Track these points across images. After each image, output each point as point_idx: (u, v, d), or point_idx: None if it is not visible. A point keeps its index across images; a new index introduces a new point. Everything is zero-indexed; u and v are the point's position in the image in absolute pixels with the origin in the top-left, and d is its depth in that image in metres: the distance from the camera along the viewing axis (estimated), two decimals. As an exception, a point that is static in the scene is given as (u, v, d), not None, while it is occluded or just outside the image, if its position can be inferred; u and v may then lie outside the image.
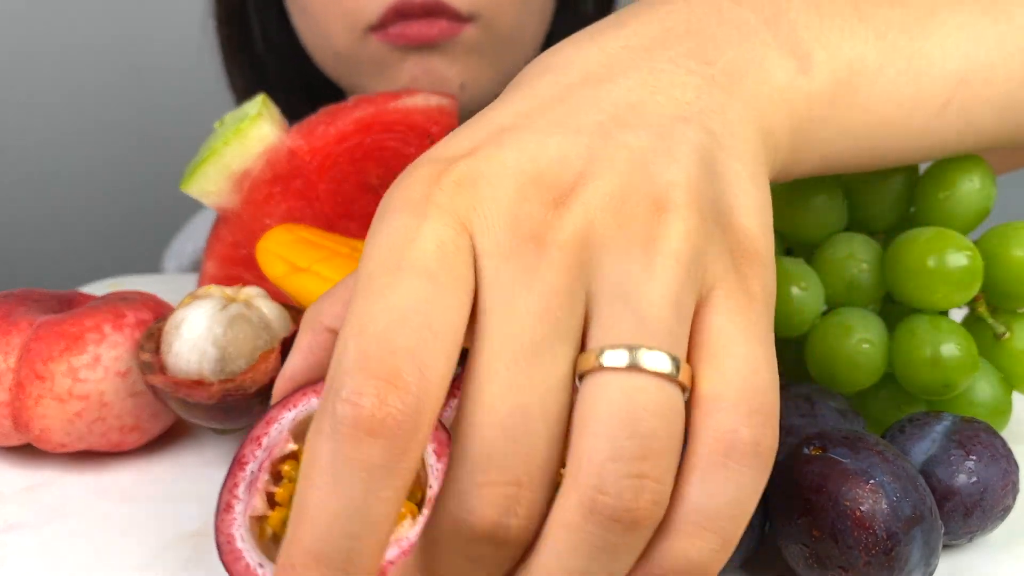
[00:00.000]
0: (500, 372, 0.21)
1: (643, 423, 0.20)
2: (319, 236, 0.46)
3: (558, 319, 0.21)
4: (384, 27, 0.59)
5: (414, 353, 0.20)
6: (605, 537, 0.19)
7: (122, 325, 0.37)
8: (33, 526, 0.34)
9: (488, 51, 0.62)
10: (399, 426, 0.19)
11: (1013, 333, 0.36)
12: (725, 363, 0.21)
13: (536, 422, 0.20)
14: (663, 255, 0.21)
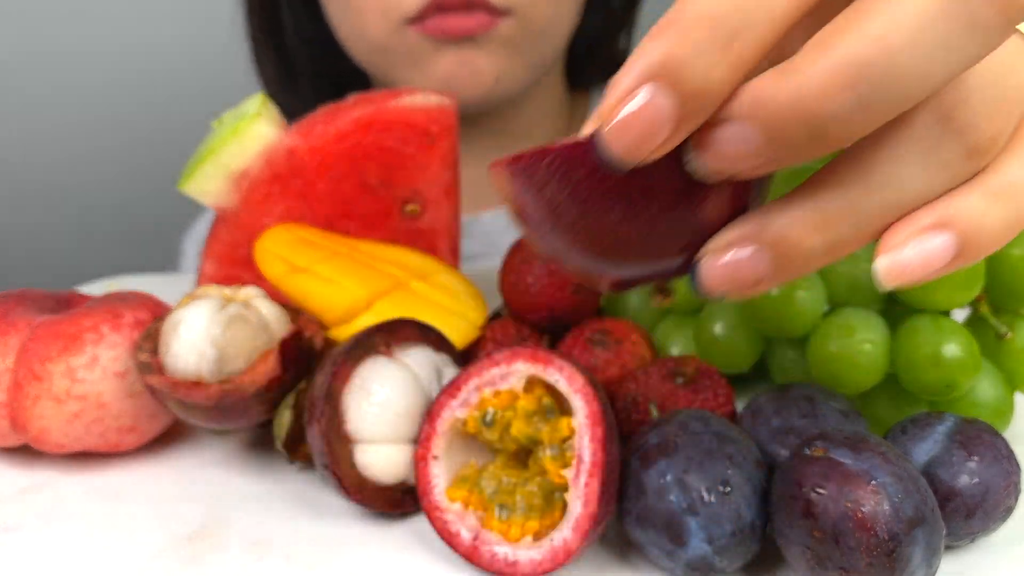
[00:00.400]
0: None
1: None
2: (318, 236, 0.46)
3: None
4: (422, 20, 0.60)
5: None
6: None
7: (120, 325, 0.37)
8: (31, 527, 0.34)
9: (522, 45, 0.63)
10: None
11: (1015, 333, 0.36)
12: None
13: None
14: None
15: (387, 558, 0.32)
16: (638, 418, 0.36)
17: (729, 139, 0.20)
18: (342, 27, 0.66)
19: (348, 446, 0.33)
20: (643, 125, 0.19)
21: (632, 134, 0.19)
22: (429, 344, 0.36)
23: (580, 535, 0.29)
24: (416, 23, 0.60)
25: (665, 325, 0.44)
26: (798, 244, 0.21)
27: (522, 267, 0.41)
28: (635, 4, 0.75)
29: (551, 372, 0.31)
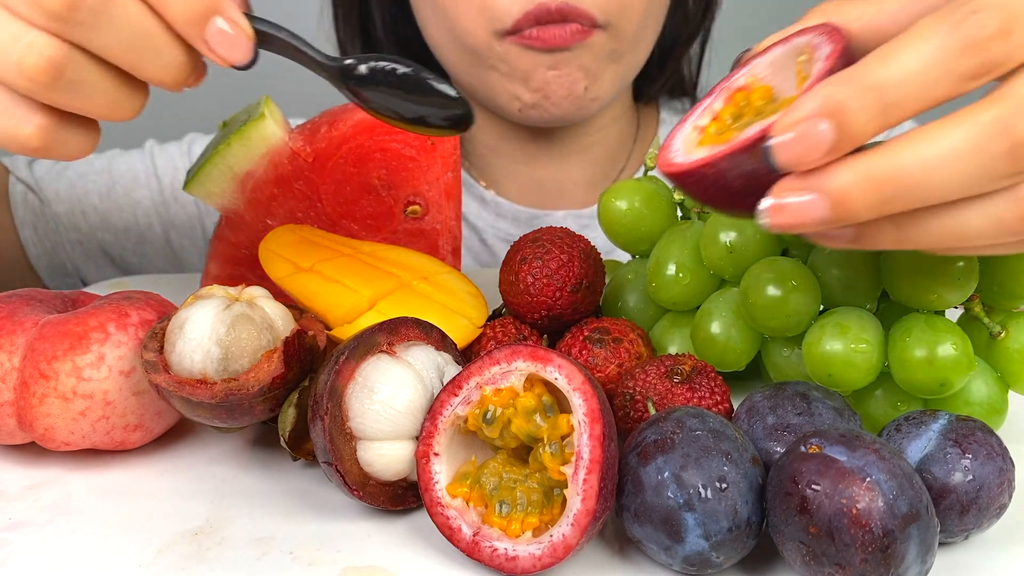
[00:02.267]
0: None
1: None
2: (321, 236, 0.46)
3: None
4: (520, 31, 0.61)
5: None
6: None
7: (126, 324, 0.37)
8: (37, 524, 0.34)
9: (613, 56, 0.65)
10: (991, 63, 0.26)
11: (1009, 332, 0.36)
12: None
13: None
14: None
15: (389, 553, 0.32)
16: (636, 415, 0.36)
17: (803, 203, 0.27)
18: (435, 31, 0.67)
19: (351, 443, 0.33)
20: (808, 145, 0.26)
21: (799, 148, 0.27)
22: (431, 343, 0.36)
23: (579, 531, 0.29)
24: (513, 34, 0.62)
25: (662, 324, 0.44)
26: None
27: (522, 267, 0.41)
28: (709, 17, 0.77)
29: (550, 370, 0.31)
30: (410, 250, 0.48)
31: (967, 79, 0.26)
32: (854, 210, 0.27)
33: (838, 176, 0.27)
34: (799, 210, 0.27)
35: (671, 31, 0.75)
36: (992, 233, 0.28)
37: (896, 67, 0.26)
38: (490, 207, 0.75)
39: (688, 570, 0.30)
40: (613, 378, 0.39)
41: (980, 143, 0.26)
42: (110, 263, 0.74)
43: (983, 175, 0.26)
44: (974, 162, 0.26)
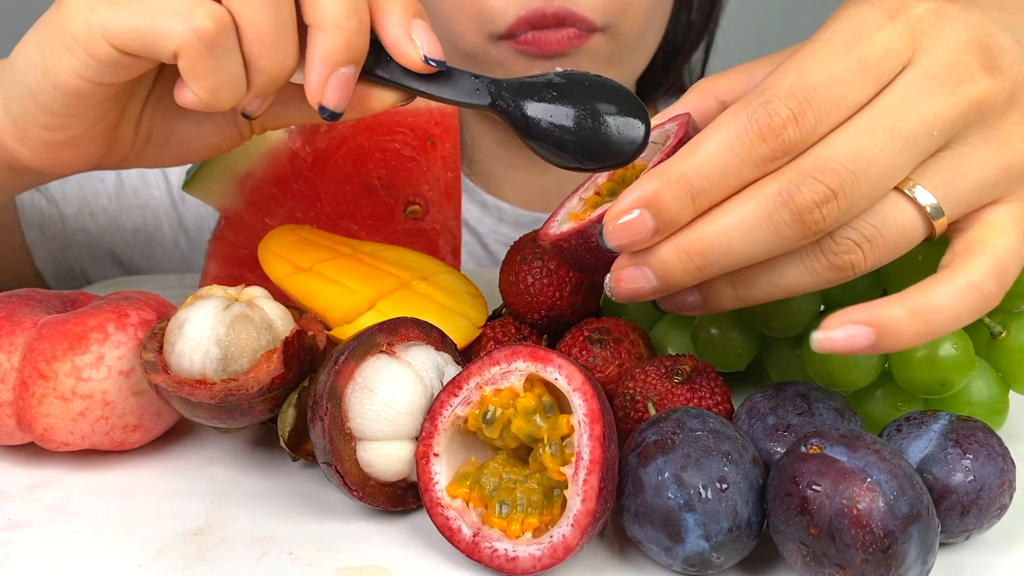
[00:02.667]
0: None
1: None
2: (321, 236, 0.46)
3: (921, 142, 0.29)
4: (515, 35, 0.61)
5: (822, 111, 0.29)
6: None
7: (125, 325, 0.37)
8: (37, 524, 0.34)
9: (612, 60, 0.64)
10: (786, 146, 0.29)
11: (1010, 332, 0.36)
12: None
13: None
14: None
15: (389, 554, 0.32)
16: (636, 416, 0.36)
17: (635, 274, 0.32)
18: None
19: (351, 443, 0.33)
20: (633, 232, 0.31)
21: (626, 234, 0.31)
22: (430, 343, 0.36)
23: (579, 531, 0.29)
24: (509, 38, 0.61)
25: (663, 324, 0.44)
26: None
27: (522, 267, 0.41)
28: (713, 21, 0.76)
29: (550, 370, 0.31)
30: (410, 250, 0.48)
31: (766, 162, 0.29)
32: (676, 278, 0.31)
33: (658, 252, 0.31)
34: (634, 281, 0.32)
35: (675, 36, 0.74)
36: (812, 283, 0.31)
37: (700, 158, 0.30)
38: (491, 212, 0.75)
39: (688, 571, 0.30)
40: (613, 378, 0.39)
41: (768, 213, 0.29)
42: (118, 266, 0.74)
43: (776, 240, 0.29)
44: (766, 230, 0.29)
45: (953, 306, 0.29)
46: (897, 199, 0.30)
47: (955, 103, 0.29)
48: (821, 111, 0.29)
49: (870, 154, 0.29)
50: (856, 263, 0.30)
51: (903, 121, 0.29)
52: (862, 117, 0.29)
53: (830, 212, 0.29)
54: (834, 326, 0.29)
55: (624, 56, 0.65)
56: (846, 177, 0.29)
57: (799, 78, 0.29)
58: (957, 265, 0.30)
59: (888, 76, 0.30)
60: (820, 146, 0.29)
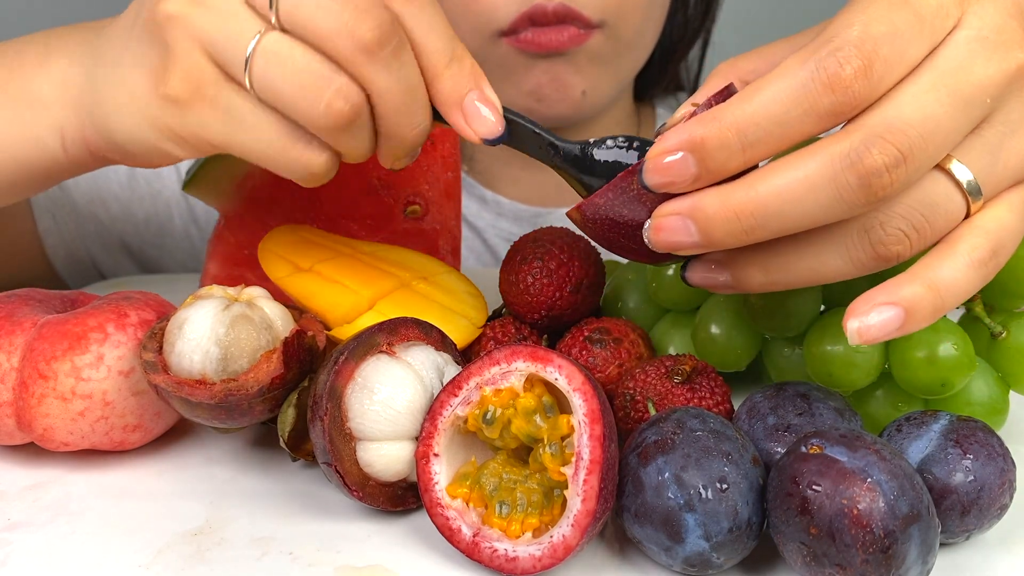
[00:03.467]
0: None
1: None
2: (321, 236, 0.46)
3: (977, 106, 0.28)
4: (515, 32, 0.61)
5: (887, 64, 0.27)
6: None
7: (125, 325, 0.37)
8: (36, 524, 0.34)
9: (610, 58, 0.65)
10: (852, 100, 0.27)
11: (1010, 333, 0.36)
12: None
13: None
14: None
15: (389, 554, 0.32)
16: (636, 416, 0.36)
17: (676, 224, 0.30)
18: None
19: (350, 443, 0.33)
20: (673, 175, 0.29)
21: (666, 176, 0.29)
22: (430, 343, 0.36)
23: (579, 531, 0.29)
24: (509, 35, 0.61)
25: (663, 324, 0.44)
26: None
27: (522, 267, 0.41)
28: (709, 18, 0.77)
29: (550, 370, 0.31)
30: (410, 250, 0.48)
31: (828, 116, 0.28)
32: (720, 238, 0.29)
33: (705, 207, 0.29)
34: (674, 232, 0.30)
35: (672, 33, 0.75)
36: (851, 271, 0.30)
37: (757, 105, 0.28)
38: (490, 207, 0.75)
39: (688, 571, 0.30)
40: (613, 378, 0.39)
41: (833, 174, 0.27)
42: (129, 256, 0.73)
43: (837, 205, 0.28)
44: (828, 192, 0.28)
45: (960, 280, 0.29)
46: (940, 179, 0.29)
47: (1006, 68, 0.28)
48: (887, 64, 0.27)
49: (936, 116, 0.27)
50: (902, 254, 0.29)
51: (962, 83, 0.28)
52: (923, 77, 0.28)
53: (898, 177, 0.27)
54: (866, 311, 0.28)
55: (623, 54, 0.65)
56: (915, 140, 0.27)
57: (864, 28, 0.27)
58: (962, 239, 0.29)
59: (940, 34, 0.28)
60: (886, 106, 0.28)
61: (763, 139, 0.28)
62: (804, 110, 0.27)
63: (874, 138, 0.27)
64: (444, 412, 0.33)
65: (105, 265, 0.73)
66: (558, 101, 0.64)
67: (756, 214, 0.28)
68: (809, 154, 0.28)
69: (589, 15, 0.61)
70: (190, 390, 0.34)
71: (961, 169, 0.29)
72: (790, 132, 0.28)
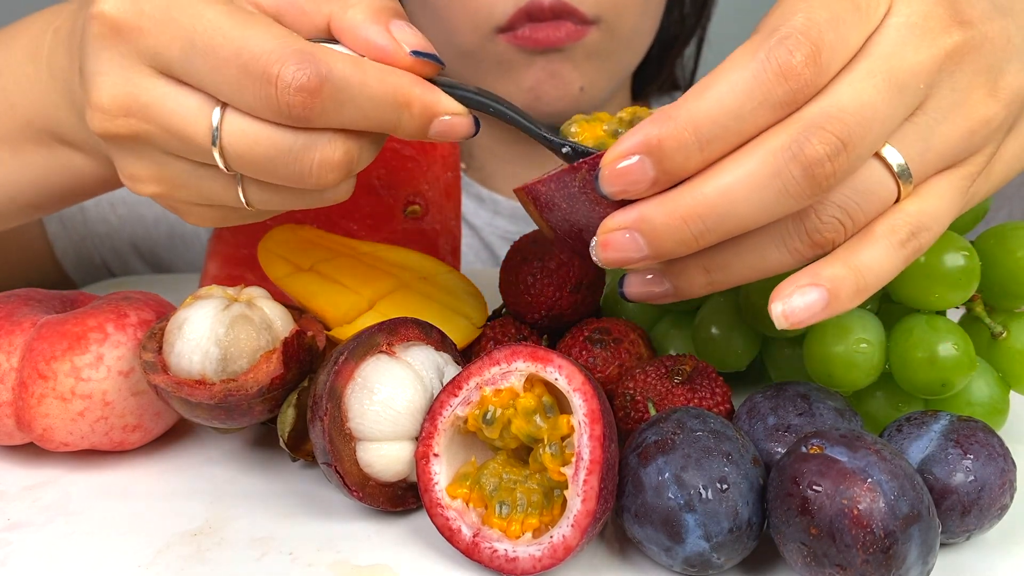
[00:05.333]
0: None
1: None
2: (320, 237, 0.46)
3: (911, 92, 0.28)
4: (512, 29, 0.61)
5: (833, 50, 0.27)
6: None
7: (125, 325, 0.37)
8: (36, 524, 0.34)
9: (607, 54, 0.65)
10: (804, 87, 0.27)
11: (1010, 333, 0.36)
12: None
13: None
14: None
15: (389, 554, 0.32)
16: (636, 416, 0.36)
17: (623, 240, 0.29)
18: (428, 32, 0.67)
19: (350, 443, 0.33)
20: (631, 180, 0.28)
21: (623, 182, 0.28)
22: (430, 343, 0.36)
23: (579, 532, 0.29)
24: (506, 32, 0.61)
25: (663, 324, 0.44)
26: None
27: (522, 267, 0.41)
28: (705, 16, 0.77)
29: (550, 370, 0.31)
30: (410, 250, 0.47)
31: (782, 106, 0.27)
32: (670, 247, 0.28)
33: (650, 218, 0.28)
34: (622, 248, 0.29)
35: (668, 30, 0.75)
36: (791, 263, 0.30)
37: (711, 100, 0.27)
38: (487, 205, 0.75)
39: (689, 571, 0.30)
40: (613, 378, 0.39)
41: (777, 168, 0.27)
42: (139, 258, 0.73)
43: (784, 199, 0.27)
44: (774, 188, 0.27)
45: (880, 261, 0.29)
46: (875, 165, 0.29)
47: (935, 54, 0.29)
48: (833, 50, 0.27)
49: (873, 103, 0.27)
50: (836, 240, 0.29)
51: (896, 69, 0.28)
52: (860, 65, 0.28)
53: (840, 165, 0.27)
54: (789, 293, 0.28)
55: (619, 50, 0.65)
56: (854, 127, 0.27)
57: (808, 16, 0.27)
58: (881, 222, 0.29)
59: (875, 21, 0.29)
60: (824, 95, 0.27)
61: (720, 135, 0.27)
62: (759, 102, 0.27)
63: (814, 128, 0.27)
64: (444, 412, 0.32)
65: (116, 267, 0.73)
66: (556, 98, 0.64)
67: (705, 218, 0.28)
68: (750, 150, 0.27)
69: (585, 11, 0.61)
70: (190, 390, 0.34)
71: (894, 155, 0.29)
72: (746, 126, 0.27)
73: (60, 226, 0.69)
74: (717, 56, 0.36)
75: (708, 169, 0.28)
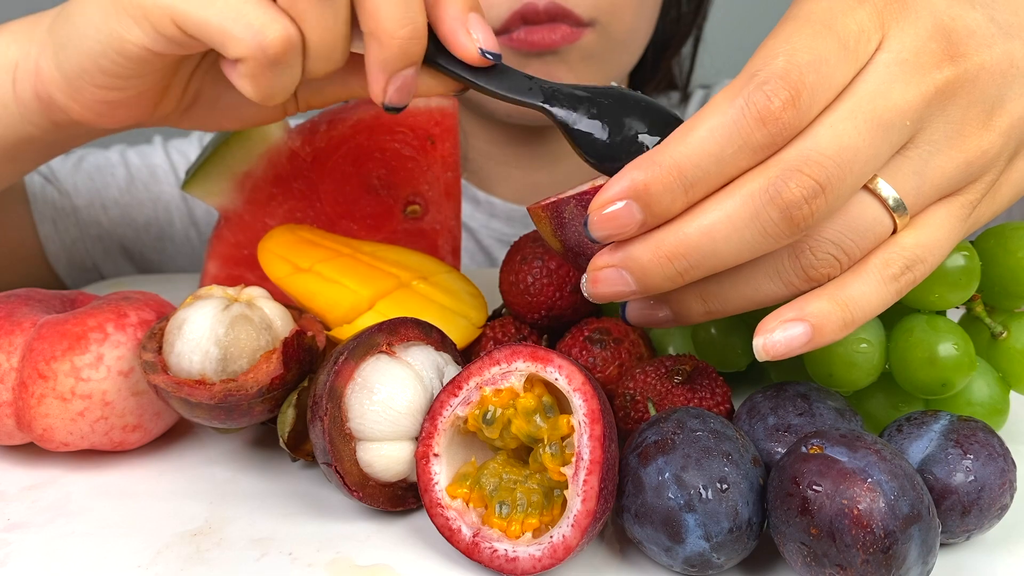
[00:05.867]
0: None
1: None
2: (320, 236, 0.46)
3: (897, 130, 0.29)
4: (507, 31, 0.61)
5: (814, 92, 0.28)
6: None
7: (125, 325, 0.37)
8: (36, 525, 0.34)
9: (602, 56, 0.64)
10: (784, 131, 0.28)
11: (1010, 333, 0.36)
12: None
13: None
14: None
15: (389, 554, 0.32)
16: (636, 416, 0.36)
17: (612, 276, 0.30)
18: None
19: (350, 443, 0.33)
20: (620, 224, 0.29)
21: (612, 227, 0.29)
22: (430, 343, 0.36)
23: (579, 532, 0.29)
24: (501, 34, 0.61)
25: (664, 325, 0.44)
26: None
27: (522, 267, 0.41)
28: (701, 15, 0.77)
29: (551, 370, 0.31)
30: (410, 250, 0.48)
31: (763, 149, 0.28)
32: (656, 283, 0.30)
33: (637, 256, 0.30)
34: (612, 284, 0.30)
35: (664, 31, 0.75)
36: (785, 295, 0.30)
37: (694, 145, 0.28)
38: (483, 207, 0.75)
39: (689, 571, 0.30)
40: (613, 378, 0.39)
41: (755, 210, 0.28)
42: (129, 260, 0.74)
43: (763, 239, 0.28)
44: (752, 229, 0.28)
45: (870, 295, 0.29)
46: (869, 201, 0.29)
47: (924, 91, 0.29)
48: (814, 93, 0.28)
49: (854, 144, 0.28)
50: (831, 275, 0.30)
51: (880, 109, 0.28)
52: (841, 106, 0.28)
53: (819, 207, 0.28)
54: (771, 329, 0.29)
55: (615, 52, 0.65)
56: (832, 170, 0.28)
57: (789, 59, 0.28)
58: (875, 256, 0.30)
59: (864, 58, 0.29)
60: (803, 138, 0.28)
61: (703, 178, 0.28)
62: (739, 146, 0.28)
63: (791, 172, 0.28)
64: (444, 412, 0.32)
65: (106, 270, 0.74)
66: None
67: (688, 256, 0.29)
68: (731, 192, 0.28)
69: (580, 13, 0.61)
70: (189, 390, 0.34)
71: (887, 189, 0.29)
72: (728, 168, 0.28)
73: (52, 228, 0.70)
74: (713, 56, 0.36)
75: (691, 209, 0.29)
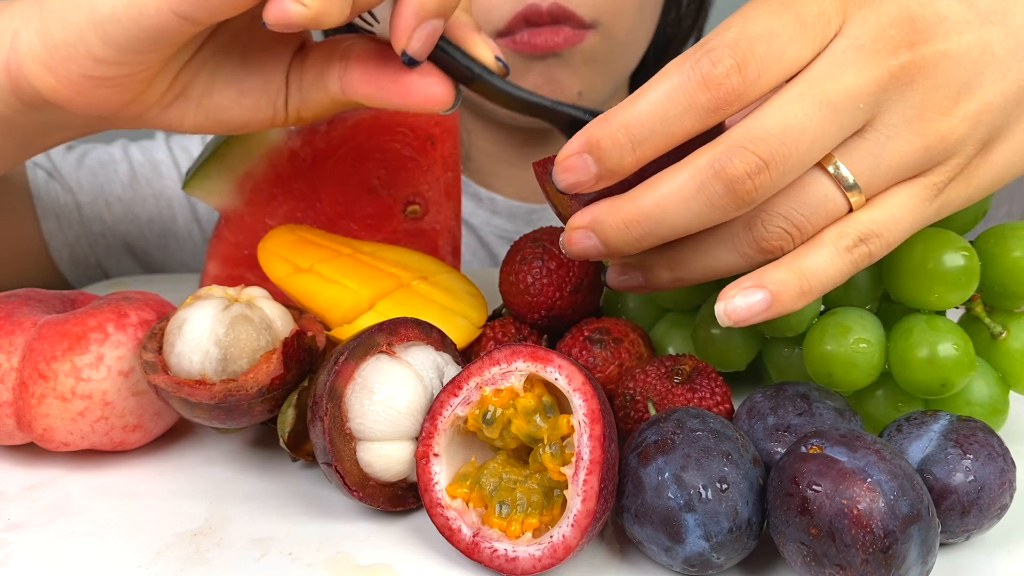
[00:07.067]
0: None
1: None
2: (320, 236, 0.46)
3: (848, 113, 0.30)
4: (510, 33, 0.61)
5: (763, 63, 0.29)
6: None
7: (125, 325, 0.37)
8: (36, 525, 0.34)
9: (605, 59, 0.65)
10: (728, 96, 0.29)
11: (1010, 333, 0.36)
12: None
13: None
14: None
15: (389, 554, 0.32)
16: (636, 416, 0.36)
17: (582, 238, 0.33)
18: None
19: (350, 443, 0.33)
20: (578, 174, 0.32)
21: (571, 175, 0.32)
22: (430, 343, 0.36)
23: (579, 531, 0.29)
24: (504, 36, 0.62)
25: (663, 324, 0.44)
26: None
27: (522, 267, 0.41)
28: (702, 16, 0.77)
29: (550, 370, 0.31)
30: (410, 250, 0.48)
31: (709, 113, 0.30)
32: (619, 246, 0.32)
33: (602, 221, 0.32)
34: (580, 242, 0.33)
35: (665, 31, 0.75)
36: (743, 265, 0.32)
37: (642, 106, 0.30)
38: (485, 204, 0.75)
39: (688, 571, 0.30)
40: (613, 378, 0.39)
41: (701, 183, 0.30)
42: (132, 257, 0.73)
43: (710, 211, 0.30)
44: (700, 201, 0.30)
45: (826, 266, 0.31)
46: (822, 179, 0.31)
47: (877, 76, 0.30)
48: (763, 63, 0.29)
49: (800, 124, 0.29)
50: (785, 247, 0.31)
51: (830, 91, 0.29)
52: (792, 87, 0.30)
53: (762, 182, 0.29)
54: (732, 295, 0.31)
55: (617, 54, 0.66)
56: (777, 147, 0.29)
57: (741, 30, 0.29)
58: (830, 229, 0.31)
59: (823, 40, 0.30)
60: (751, 117, 0.30)
61: (650, 137, 0.30)
62: (683, 108, 0.29)
63: (736, 148, 0.29)
64: (444, 412, 0.33)
65: (109, 267, 0.73)
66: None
67: (642, 223, 0.31)
68: (682, 165, 0.30)
69: (583, 15, 0.61)
70: (190, 390, 0.34)
71: (841, 168, 0.31)
72: (674, 129, 0.30)
73: (55, 223, 0.69)
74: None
75: (649, 180, 0.31)
